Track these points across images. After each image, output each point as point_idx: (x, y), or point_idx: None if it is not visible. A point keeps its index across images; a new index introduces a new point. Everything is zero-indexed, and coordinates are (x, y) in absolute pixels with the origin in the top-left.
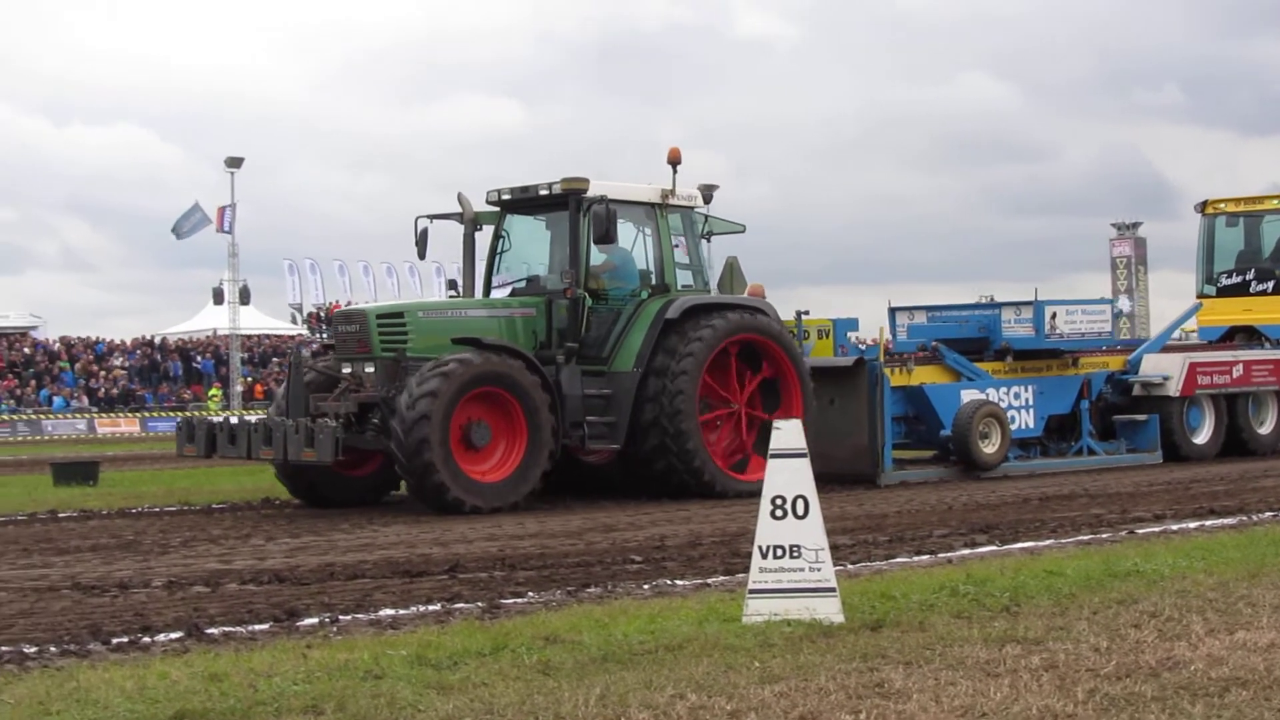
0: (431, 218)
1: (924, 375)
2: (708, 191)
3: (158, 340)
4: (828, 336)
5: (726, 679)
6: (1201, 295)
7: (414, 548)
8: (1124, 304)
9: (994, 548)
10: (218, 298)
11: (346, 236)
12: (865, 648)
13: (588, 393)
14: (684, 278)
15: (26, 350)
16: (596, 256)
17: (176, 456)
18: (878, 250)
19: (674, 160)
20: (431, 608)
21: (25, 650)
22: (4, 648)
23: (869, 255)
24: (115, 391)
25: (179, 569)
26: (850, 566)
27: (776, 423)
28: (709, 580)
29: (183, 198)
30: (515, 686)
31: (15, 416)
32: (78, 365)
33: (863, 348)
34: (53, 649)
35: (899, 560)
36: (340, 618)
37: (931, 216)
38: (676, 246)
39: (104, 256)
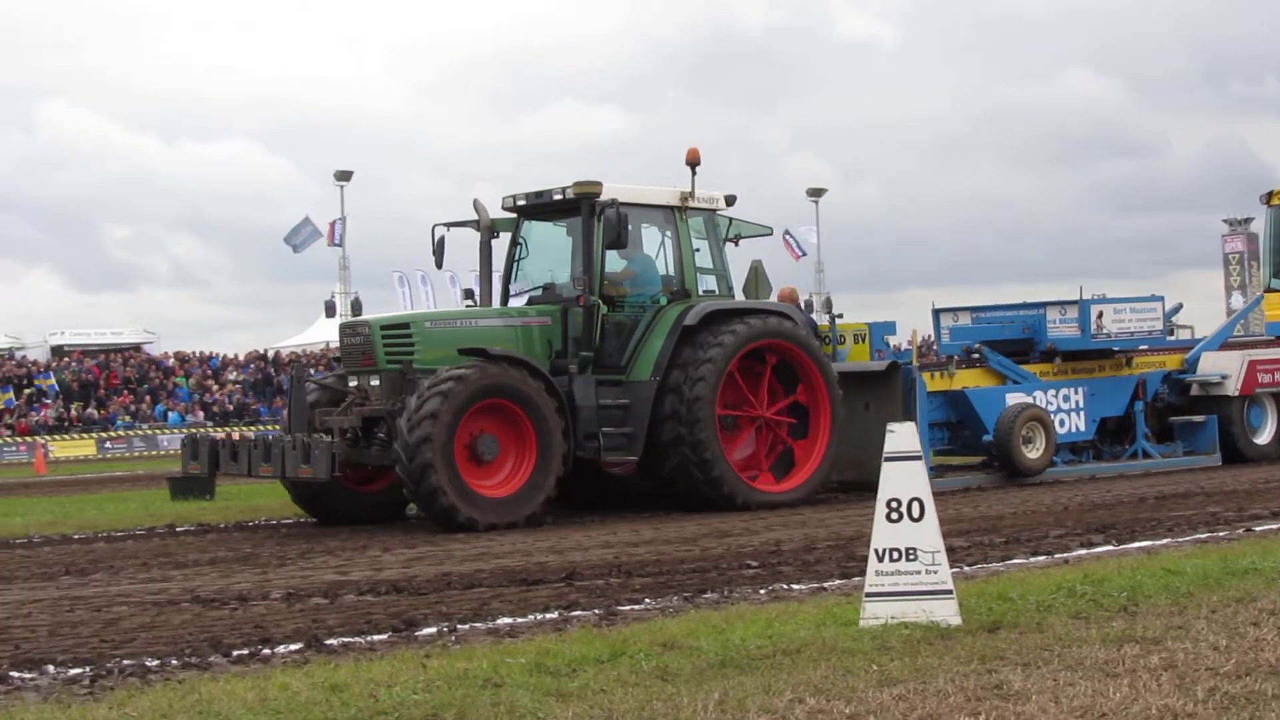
0: (449, 225)
1: (967, 379)
2: (729, 199)
3: (271, 354)
4: (864, 341)
5: (844, 682)
6: (1269, 289)
7: (530, 556)
8: (1236, 300)
9: (1110, 547)
10: (330, 310)
11: (452, 248)
12: (983, 649)
13: (603, 403)
14: (707, 283)
15: (141, 366)
16: (616, 262)
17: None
18: (985, 251)
19: (693, 161)
20: (549, 615)
21: (147, 663)
22: (126, 661)
23: (976, 256)
24: (230, 405)
25: (297, 581)
26: (966, 568)
27: (891, 425)
28: (825, 584)
29: (292, 211)
30: (634, 693)
31: (131, 432)
32: (192, 380)
33: (898, 352)
34: (174, 662)
35: (1015, 561)
36: (458, 627)
37: (1038, 215)
38: (697, 250)
39: (215, 271)
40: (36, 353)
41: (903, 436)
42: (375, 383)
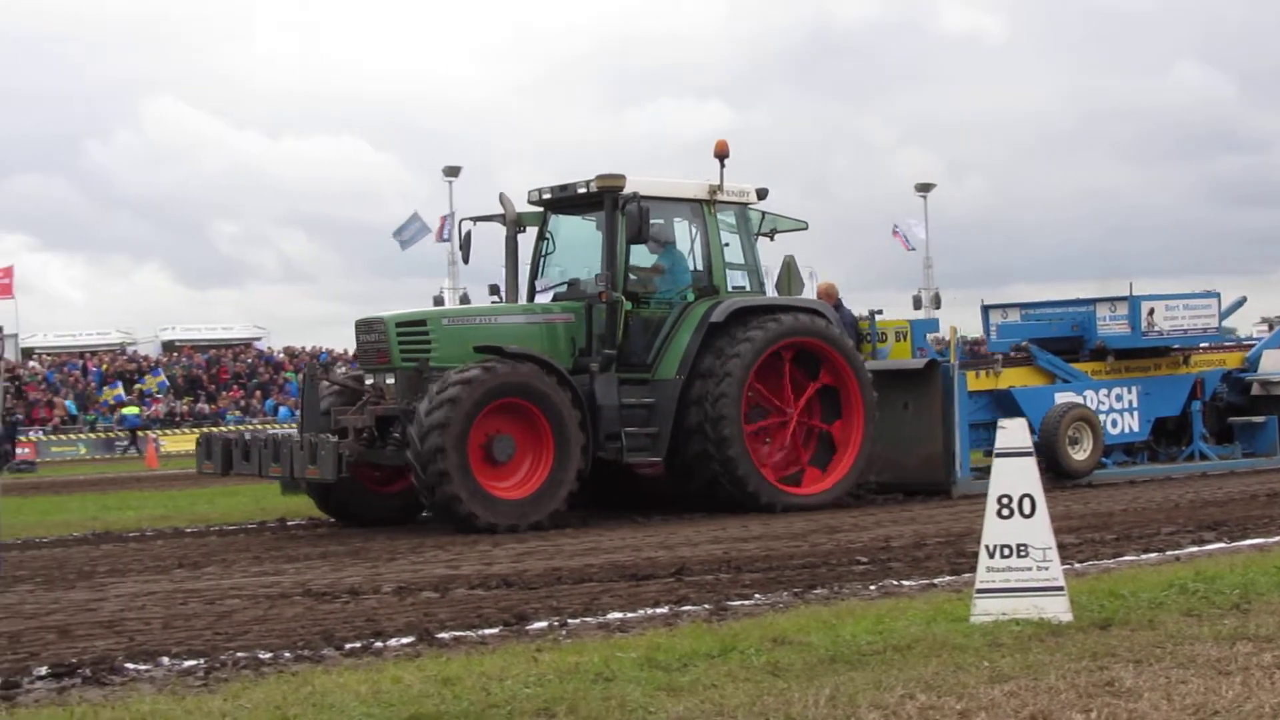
0: (475, 220)
1: (1014, 378)
2: (761, 192)
3: None
4: (906, 338)
5: (956, 678)
6: None
7: (639, 551)
8: None
9: (1222, 545)
10: (437, 304)
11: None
12: (1094, 646)
13: (626, 402)
14: (737, 279)
15: (251, 361)
16: (646, 258)
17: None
18: (1093, 245)
19: (721, 153)
20: (659, 610)
21: (260, 656)
22: (240, 654)
23: (1084, 250)
24: None
25: (408, 574)
26: (1077, 565)
27: (1002, 422)
28: (935, 580)
29: (399, 207)
30: (745, 688)
31: (242, 427)
32: (301, 375)
33: (941, 350)
34: (287, 654)
35: (1126, 558)
36: (569, 621)
37: (1148, 209)
38: (727, 245)
39: (323, 267)
40: (147, 348)
41: (1014, 432)
42: (391, 381)
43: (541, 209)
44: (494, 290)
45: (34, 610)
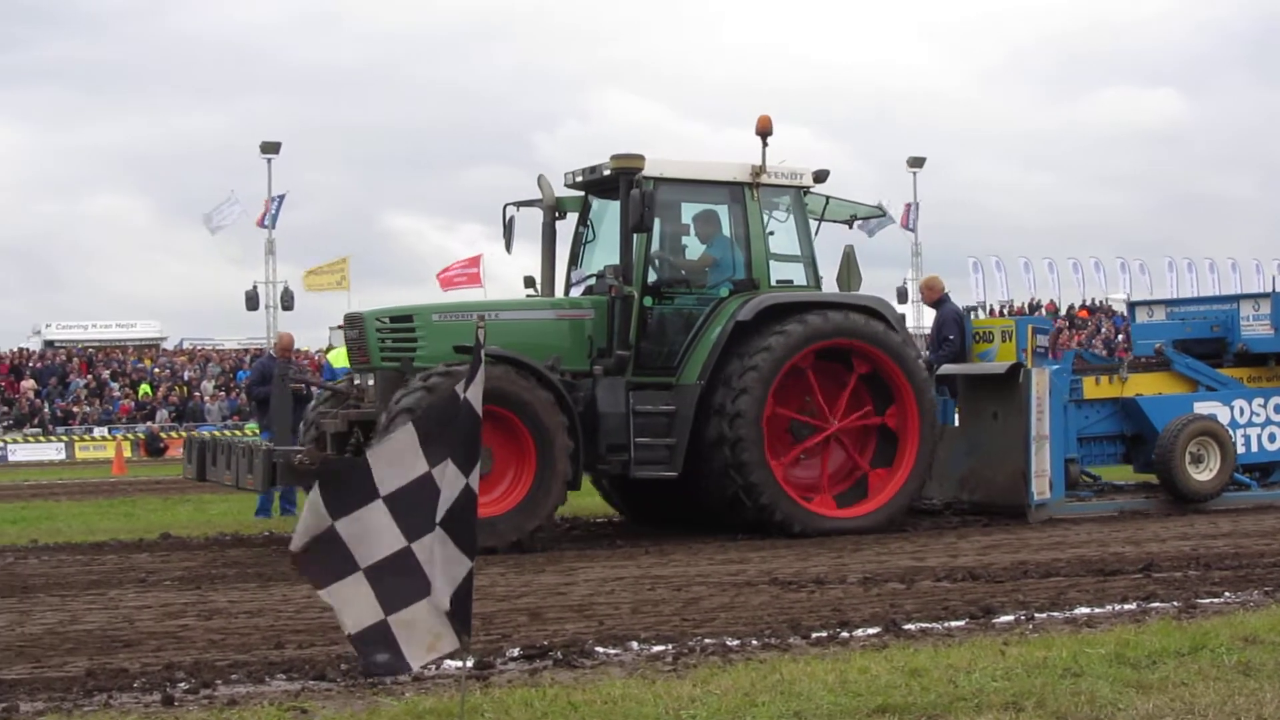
0: (519, 205)
1: (1148, 384)
2: (820, 174)
3: None
4: (1011, 339)
5: None
6: None
7: (1106, 546)
8: None
9: None
10: (902, 296)
11: (1014, 231)
12: None
13: (641, 409)
14: (789, 272)
15: None
16: (695, 248)
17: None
18: None
19: (764, 131)
20: (1126, 606)
21: (728, 643)
22: (708, 640)
23: None
24: None
25: (873, 565)
26: None
27: None
28: None
29: (859, 197)
30: (1215, 687)
31: None
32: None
33: (1039, 352)
34: (754, 642)
35: None
36: (1035, 615)
37: None
38: (772, 234)
39: None
40: None
41: None
42: (372, 382)
43: (582, 193)
44: (529, 282)
45: (505, 593)
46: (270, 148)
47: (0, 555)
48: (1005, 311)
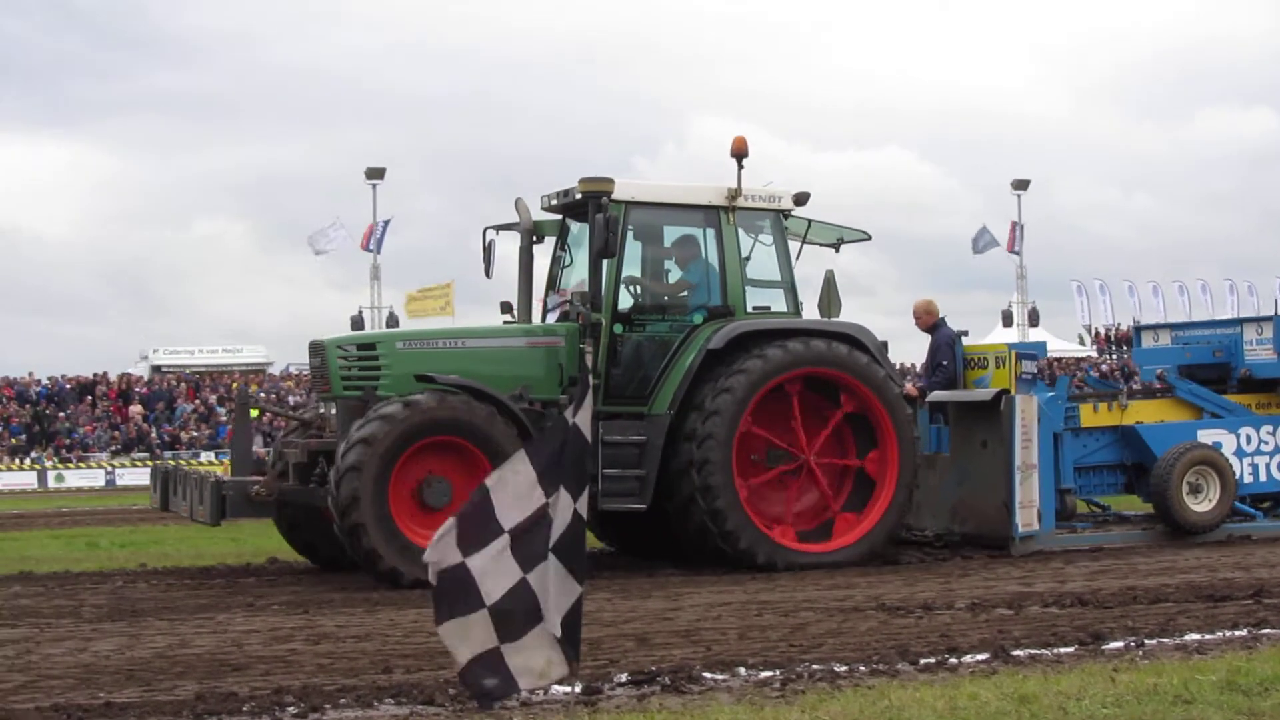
0: (498, 228)
1: (1149, 411)
2: (800, 197)
3: None
4: (1005, 365)
5: None
6: None
7: (1215, 572)
8: None
9: None
10: (1006, 320)
11: (1115, 254)
12: None
13: (610, 439)
14: (763, 297)
15: None
16: (673, 274)
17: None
18: None
19: (738, 152)
20: (1237, 633)
21: (835, 669)
22: (815, 666)
23: None
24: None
25: (980, 591)
26: None
27: None
28: None
29: (955, 221)
30: None
31: None
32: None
33: (1030, 379)
34: (862, 668)
35: None
36: (1145, 641)
37: None
38: (748, 260)
39: (880, 280)
40: None
41: None
42: (334, 411)
43: (560, 216)
44: (505, 308)
45: (612, 618)
46: (375, 173)
47: (110, 579)
48: (1111, 336)
